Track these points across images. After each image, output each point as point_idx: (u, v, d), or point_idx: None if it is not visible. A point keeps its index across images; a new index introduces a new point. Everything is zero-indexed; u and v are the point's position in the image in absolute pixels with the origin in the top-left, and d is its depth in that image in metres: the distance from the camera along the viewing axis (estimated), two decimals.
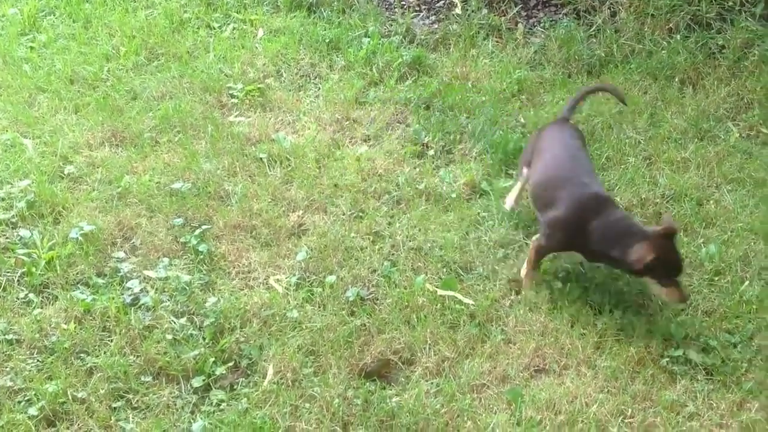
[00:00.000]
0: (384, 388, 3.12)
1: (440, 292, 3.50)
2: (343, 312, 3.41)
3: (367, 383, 3.12)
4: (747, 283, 3.56)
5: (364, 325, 3.36)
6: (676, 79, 4.95)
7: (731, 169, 4.28)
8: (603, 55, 5.16)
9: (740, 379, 3.17)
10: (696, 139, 4.49)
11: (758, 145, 4.50)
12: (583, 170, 3.54)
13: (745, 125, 4.64)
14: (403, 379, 3.17)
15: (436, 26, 5.52)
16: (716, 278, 3.61)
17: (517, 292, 3.53)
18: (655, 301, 3.47)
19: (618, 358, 3.22)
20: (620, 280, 3.57)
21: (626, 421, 2.99)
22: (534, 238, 3.61)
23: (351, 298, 3.47)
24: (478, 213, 3.97)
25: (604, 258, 3.38)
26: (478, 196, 4.10)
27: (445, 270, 3.65)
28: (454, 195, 4.07)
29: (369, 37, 5.32)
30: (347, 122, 4.63)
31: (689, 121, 4.61)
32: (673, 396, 3.08)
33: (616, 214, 3.35)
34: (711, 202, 4.07)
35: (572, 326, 3.37)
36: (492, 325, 3.38)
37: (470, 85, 4.92)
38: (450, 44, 5.33)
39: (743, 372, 3.19)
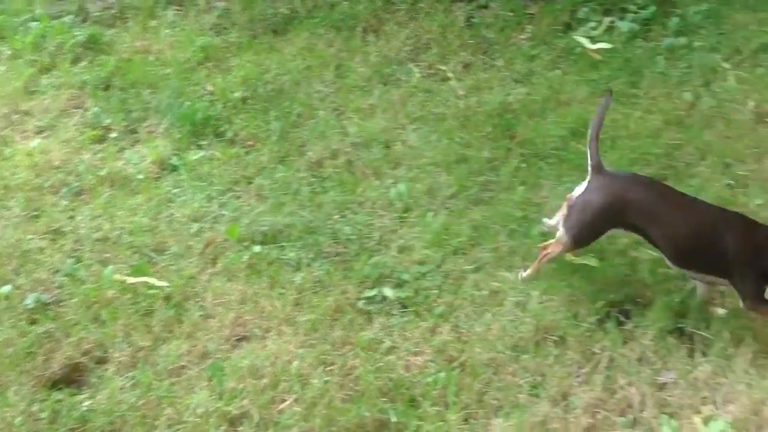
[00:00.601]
0: (74, 395, 2.88)
1: (131, 280, 3.31)
2: (23, 322, 3.10)
3: (54, 393, 2.87)
4: (432, 214, 3.73)
5: (48, 331, 3.08)
6: (359, 28, 5.05)
7: (414, 109, 4.46)
8: (287, 12, 5.15)
9: (431, 306, 3.30)
10: (380, 85, 4.63)
11: (437, 82, 4.73)
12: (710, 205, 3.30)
13: (425, 65, 4.86)
14: (95, 380, 2.96)
15: (112, 0, 5.19)
16: (406, 215, 3.74)
17: (215, 263, 3.43)
18: (350, 247, 3.54)
19: (317, 309, 3.24)
20: (317, 233, 3.59)
21: (327, 369, 3.02)
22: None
23: (30, 306, 3.18)
24: (169, 190, 3.81)
25: None
26: (167, 172, 3.93)
27: (136, 256, 3.45)
28: (141, 176, 3.86)
29: (37, 20, 4.89)
30: (17, 116, 4.24)
31: (373, 68, 4.74)
32: (371, 335, 3.15)
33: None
34: (398, 143, 4.20)
35: (272, 288, 3.33)
36: (189, 303, 3.25)
37: (152, 59, 4.70)
38: (128, 18, 5.05)
39: (434, 299, 3.34)
